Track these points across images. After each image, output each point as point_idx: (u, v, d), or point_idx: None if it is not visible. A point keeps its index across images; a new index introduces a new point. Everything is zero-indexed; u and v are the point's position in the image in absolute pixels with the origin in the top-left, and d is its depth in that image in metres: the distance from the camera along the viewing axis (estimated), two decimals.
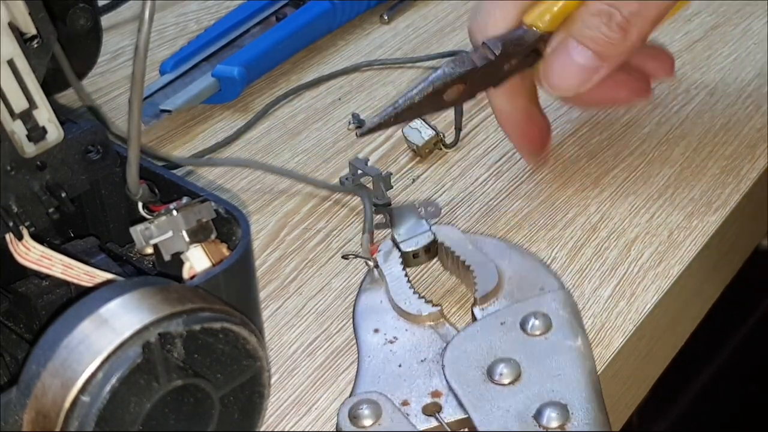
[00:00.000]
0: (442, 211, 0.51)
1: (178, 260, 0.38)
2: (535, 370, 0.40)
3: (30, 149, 0.37)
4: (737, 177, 0.53)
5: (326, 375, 0.43)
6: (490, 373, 0.40)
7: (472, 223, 0.51)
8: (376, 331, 0.43)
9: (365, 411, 0.39)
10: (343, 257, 0.48)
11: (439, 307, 0.44)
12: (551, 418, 0.37)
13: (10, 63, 0.36)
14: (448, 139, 0.56)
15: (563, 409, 0.38)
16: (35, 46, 0.38)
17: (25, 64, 0.36)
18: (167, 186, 0.41)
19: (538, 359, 0.40)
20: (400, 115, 0.46)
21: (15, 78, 0.36)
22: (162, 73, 0.61)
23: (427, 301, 0.44)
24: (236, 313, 0.34)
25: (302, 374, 0.43)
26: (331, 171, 0.55)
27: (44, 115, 0.37)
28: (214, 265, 0.37)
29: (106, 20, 0.60)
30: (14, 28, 0.36)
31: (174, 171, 0.50)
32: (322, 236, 0.50)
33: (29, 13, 0.37)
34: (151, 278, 0.35)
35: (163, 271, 0.39)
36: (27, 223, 0.38)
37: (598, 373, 0.42)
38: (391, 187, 0.52)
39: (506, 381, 0.39)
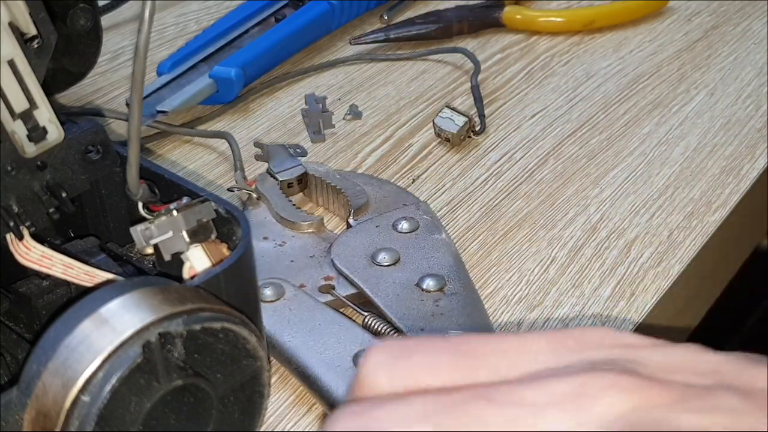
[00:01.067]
0: (443, 209, 0.51)
1: (178, 260, 0.38)
2: (410, 255, 0.47)
3: (30, 149, 0.37)
4: (737, 177, 0.53)
5: None
6: (373, 258, 0.46)
7: (472, 223, 0.51)
8: (266, 238, 0.49)
9: (268, 291, 0.44)
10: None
11: (320, 217, 0.49)
12: (431, 285, 0.44)
13: (11, 63, 0.36)
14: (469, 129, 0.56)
15: (440, 278, 0.45)
16: (35, 46, 0.38)
17: (25, 64, 0.36)
18: (167, 186, 0.41)
19: (411, 248, 0.47)
20: None
21: (15, 78, 0.36)
22: (159, 74, 0.61)
23: (308, 214, 0.50)
24: (236, 313, 0.34)
25: None
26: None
27: (44, 115, 0.37)
28: (214, 265, 0.37)
29: (106, 20, 0.60)
30: (14, 28, 0.36)
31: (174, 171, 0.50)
32: None
33: (29, 13, 0.37)
34: (152, 278, 0.35)
35: (163, 271, 0.39)
36: (27, 223, 0.38)
37: None
38: (332, 126, 0.58)
39: (387, 263, 0.46)
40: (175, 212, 0.37)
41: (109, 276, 0.37)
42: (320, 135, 0.58)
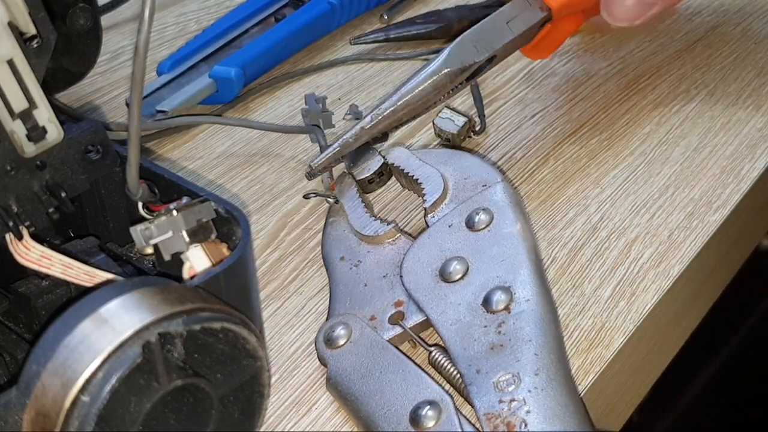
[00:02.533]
0: None
1: (178, 260, 0.38)
2: (480, 261, 0.43)
3: (30, 149, 0.37)
4: (737, 177, 0.53)
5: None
6: (442, 273, 0.43)
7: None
8: (342, 259, 0.46)
9: (339, 332, 0.42)
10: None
11: (393, 224, 0.46)
12: (497, 302, 0.41)
13: (10, 63, 0.36)
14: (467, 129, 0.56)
15: (507, 292, 0.41)
16: (35, 46, 0.38)
17: (25, 64, 0.36)
18: (167, 186, 0.41)
19: (482, 251, 0.43)
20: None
21: (15, 78, 0.36)
22: (159, 73, 0.61)
23: (383, 222, 0.46)
24: (236, 313, 0.34)
25: (302, 374, 0.43)
26: (332, 170, 0.55)
27: (44, 115, 0.37)
28: (214, 265, 0.37)
29: (106, 20, 0.60)
30: (14, 28, 0.36)
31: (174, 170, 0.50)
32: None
33: (29, 13, 0.37)
34: (151, 278, 0.35)
35: (163, 271, 0.39)
36: (27, 223, 0.38)
37: (599, 373, 0.42)
38: (332, 126, 0.57)
39: (456, 277, 0.42)
40: (175, 212, 0.37)
41: (109, 276, 0.37)
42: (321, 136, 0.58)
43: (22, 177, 0.38)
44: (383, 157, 0.49)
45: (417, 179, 0.48)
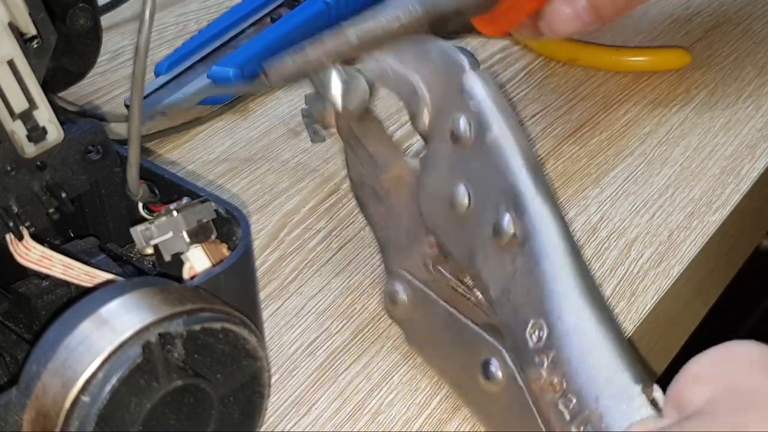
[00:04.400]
0: None
1: (178, 260, 0.38)
2: (478, 182, 0.36)
3: (30, 149, 0.37)
4: (737, 177, 0.53)
5: (326, 375, 0.43)
6: (452, 206, 0.37)
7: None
8: (377, 200, 0.43)
9: (395, 297, 0.42)
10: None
11: (400, 154, 0.41)
12: (505, 230, 0.34)
13: (10, 63, 0.36)
14: None
15: (511, 210, 0.34)
16: (35, 46, 0.38)
17: (25, 64, 0.36)
18: (167, 186, 0.41)
19: (476, 170, 0.36)
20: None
21: (15, 78, 0.36)
22: (157, 74, 0.61)
23: (391, 151, 0.42)
24: (236, 313, 0.34)
25: (302, 374, 0.43)
26: (332, 170, 0.55)
27: (44, 115, 0.37)
28: (214, 266, 0.37)
29: (106, 20, 0.60)
30: (14, 28, 0.36)
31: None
32: (322, 236, 0.50)
33: (29, 13, 0.37)
34: (152, 278, 0.35)
35: (163, 272, 0.39)
36: (27, 224, 0.38)
37: None
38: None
39: (465, 207, 0.36)
40: (175, 213, 0.37)
41: (109, 276, 0.37)
42: (320, 135, 0.57)
43: (22, 177, 0.38)
44: (365, 77, 0.43)
45: (399, 96, 0.41)
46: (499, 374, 0.35)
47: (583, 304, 0.33)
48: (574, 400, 0.32)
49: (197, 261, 0.38)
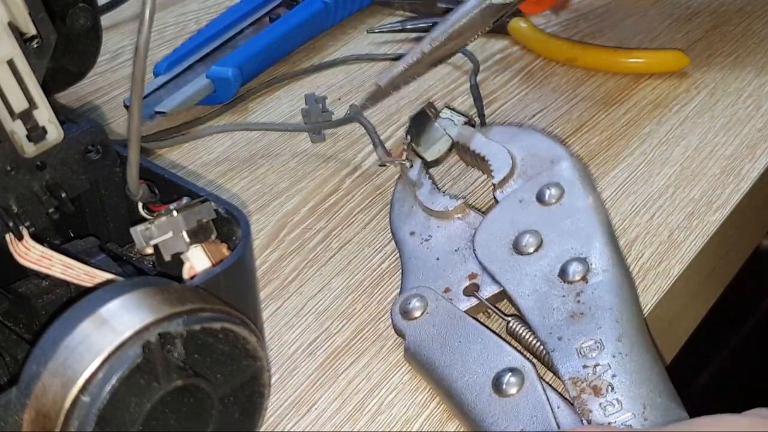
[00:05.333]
0: None
1: (178, 260, 0.38)
2: (554, 234, 0.44)
3: (30, 149, 0.37)
4: (737, 177, 0.53)
5: (326, 375, 0.43)
6: (516, 246, 0.44)
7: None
8: (412, 233, 0.47)
9: (414, 304, 0.43)
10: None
11: (462, 200, 0.47)
12: (574, 272, 0.42)
13: (10, 63, 0.36)
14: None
15: (583, 263, 0.42)
16: (35, 46, 0.37)
17: (25, 64, 0.36)
18: (167, 186, 0.41)
19: (555, 224, 0.44)
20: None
21: (15, 78, 0.36)
22: (156, 74, 0.61)
23: (452, 197, 0.48)
24: (236, 313, 0.34)
25: (302, 374, 0.43)
26: (332, 170, 0.55)
27: (44, 115, 0.37)
28: (214, 265, 0.37)
29: (106, 20, 0.60)
30: (14, 29, 0.36)
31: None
32: (322, 236, 0.50)
33: (29, 13, 0.37)
34: (151, 278, 0.35)
35: (163, 271, 0.39)
36: (27, 223, 0.38)
37: None
38: (330, 120, 0.58)
39: (531, 250, 0.43)
40: (175, 212, 0.37)
41: (109, 276, 0.37)
42: (320, 135, 0.58)
43: (22, 177, 0.38)
44: (450, 135, 0.50)
45: (484, 156, 0.48)
46: (513, 386, 0.39)
47: (639, 333, 0.40)
48: (616, 405, 0.37)
49: (197, 261, 0.38)
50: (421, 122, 0.50)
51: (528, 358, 0.40)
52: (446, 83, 0.63)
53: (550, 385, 0.39)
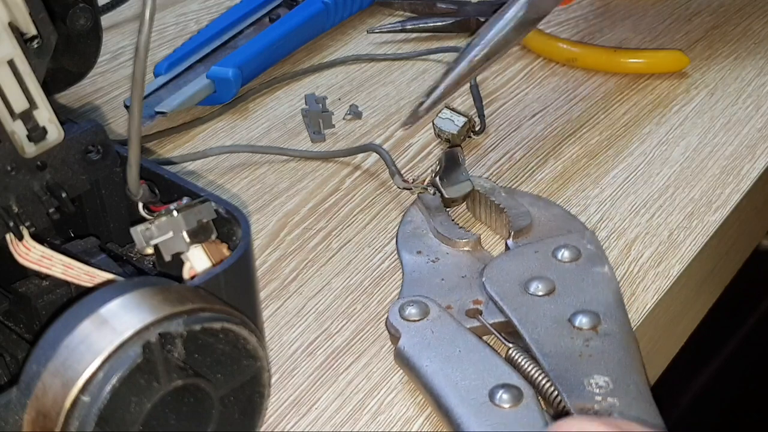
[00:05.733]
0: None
1: (178, 260, 0.38)
2: (567, 287, 0.44)
3: (30, 149, 0.37)
4: (737, 177, 0.53)
5: (326, 375, 0.43)
6: (526, 287, 0.44)
7: (473, 222, 0.51)
8: (419, 252, 0.48)
9: (413, 309, 0.43)
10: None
11: (477, 235, 0.48)
12: (584, 322, 0.42)
13: (10, 63, 0.36)
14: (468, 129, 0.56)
15: (594, 315, 0.42)
16: (35, 46, 0.38)
17: (25, 64, 0.36)
18: (167, 186, 0.41)
19: (569, 280, 0.44)
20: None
21: (15, 78, 0.36)
22: (156, 75, 0.61)
23: (467, 231, 0.48)
24: (236, 313, 0.34)
25: (302, 374, 0.43)
26: (332, 170, 0.55)
27: (44, 115, 0.37)
28: (214, 266, 0.37)
29: (106, 20, 0.60)
30: (14, 28, 0.36)
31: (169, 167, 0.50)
32: (322, 236, 0.50)
33: (29, 13, 0.37)
34: (152, 278, 0.35)
35: (163, 272, 0.39)
36: (27, 223, 0.38)
37: None
38: (332, 126, 0.58)
39: (541, 293, 0.43)
40: (175, 212, 0.37)
41: (109, 276, 0.37)
42: (320, 135, 0.58)
43: (22, 177, 0.38)
44: (472, 183, 0.50)
45: (503, 208, 0.49)
46: (509, 401, 0.38)
47: (641, 375, 0.41)
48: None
49: (197, 261, 0.38)
50: (451, 160, 0.50)
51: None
52: None
53: (547, 413, 0.39)
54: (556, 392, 0.39)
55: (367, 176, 0.54)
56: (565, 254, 0.45)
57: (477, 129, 0.57)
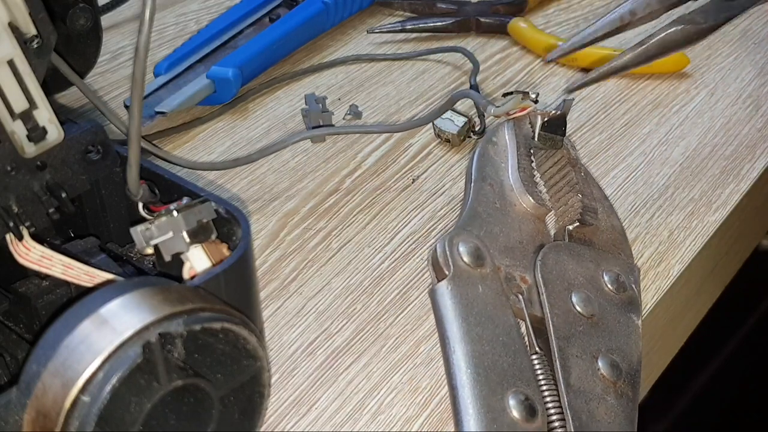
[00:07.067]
0: (443, 209, 0.51)
1: (178, 260, 0.38)
2: (605, 321, 0.42)
3: (30, 149, 0.37)
4: (737, 177, 0.53)
5: (326, 375, 0.43)
6: (571, 295, 0.42)
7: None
8: (490, 185, 0.45)
9: (469, 251, 0.41)
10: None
11: (549, 207, 0.46)
12: (608, 371, 0.40)
13: (10, 63, 0.36)
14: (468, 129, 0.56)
15: (618, 370, 0.40)
16: (35, 46, 0.38)
17: (25, 64, 0.36)
18: (167, 186, 0.41)
19: (608, 315, 0.42)
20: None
21: (15, 78, 0.36)
22: (156, 75, 0.61)
23: (541, 192, 0.46)
24: (236, 313, 0.34)
25: (302, 374, 0.43)
26: (332, 170, 0.55)
27: (44, 115, 0.37)
28: (214, 266, 0.37)
29: (106, 20, 0.60)
30: (14, 29, 0.36)
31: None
32: (322, 236, 0.50)
33: (29, 13, 0.37)
34: (152, 278, 0.35)
35: (163, 272, 0.39)
36: (27, 224, 0.38)
37: None
38: (332, 125, 0.58)
39: (581, 311, 0.42)
40: (175, 213, 0.37)
41: (109, 276, 0.37)
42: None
43: (22, 177, 0.38)
44: (564, 142, 0.49)
45: (579, 189, 0.47)
46: (522, 413, 0.38)
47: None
48: None
49: (197, 261, 0.38)
50: (563, 111, 0.49)
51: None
52: (446, 83, 0.63)
53: None
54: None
55: (367, 176, 0.54)
56: (612, 282, 0.44)
57: (477, 129, 0.57)
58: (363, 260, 0.49)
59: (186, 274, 0.38)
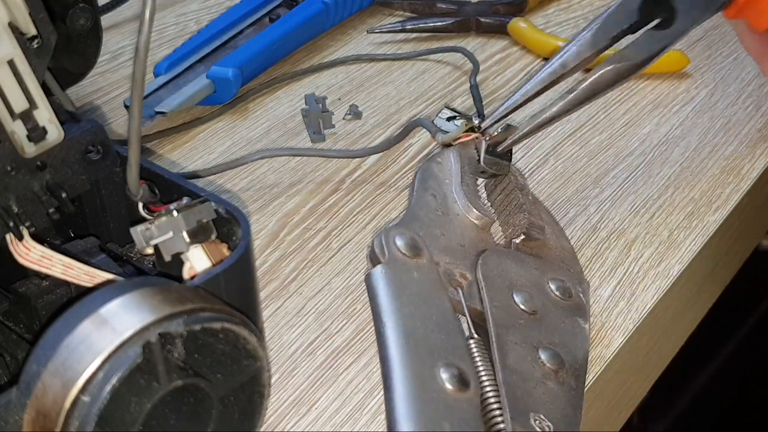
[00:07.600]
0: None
1: (178, 260, 0.38)
2: (548, 318, 0.42)
3: (30, 149, 0.37)
4: (737, 177, 0.53)
5: (326, 375, 0.43)
6: (513, 293, 0.42)
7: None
8: (433, 195, 0.46)
9: (405, 243, 0.41)
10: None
11: (494, 218, 0.46)
12: (549, 360, 0.40)
13: (10, 63, 0.36)
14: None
15: (560, 360, 0.40)
16: (35, 46, 0.38)
17: (25, 64, 0.36)
18: (167, 186, 0.41)
19: (552, 314, 0.43)
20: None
21: (15, 78, 0.36)
22: (156, 75, 0.61)
23: (485, 206, 0.46)
24: (236, 313, 0.34)
25: (302, 374, 0.43)
26: (332, 170, 0.55)
27: (44, 115, 0.37)
28: (214, 266, 0.37)
29: (106, 20, 0.60)
30: (14, 29, 0.36)
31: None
32: (322, 236, 0.50)
33: (29, 13, 0.37)
34: (152, 278, 0.35)
35: (163, 272, 0.39)
36: (27, 224, 0.38)
37: (599, 373, 0.42)
38: (332, 126, 0.58)
39: (523, 308, 0.42)
40: (175, 213, 0.37)
41: (109, 276, 0.37)
42: (320, 135, 0.58)
43: (22, 177, 0.38)
44: (510, 168, 0.49)
45: (525, 209, 0.47)
46: (452, 385, 0.38)
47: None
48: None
49: (197, 261, 0.38)
50: (499, 155, 0.49)
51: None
52: (446, 83, 0.63)
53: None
54: (497, 405, 0.38)
55: (367, 176, 0.54)
56: (558, 289, 0.44)
57: (477, 129, 0.57)
58: (363, 260, 0.49)
59: (186, 274, 0.38)
